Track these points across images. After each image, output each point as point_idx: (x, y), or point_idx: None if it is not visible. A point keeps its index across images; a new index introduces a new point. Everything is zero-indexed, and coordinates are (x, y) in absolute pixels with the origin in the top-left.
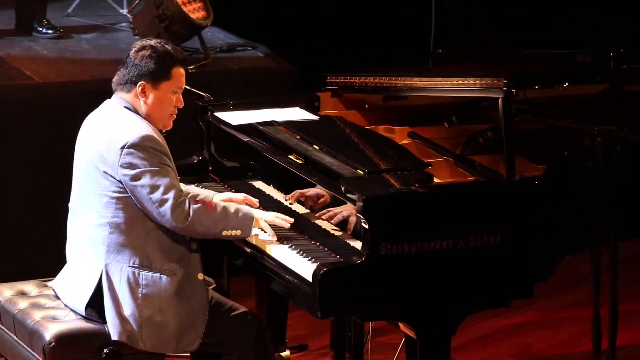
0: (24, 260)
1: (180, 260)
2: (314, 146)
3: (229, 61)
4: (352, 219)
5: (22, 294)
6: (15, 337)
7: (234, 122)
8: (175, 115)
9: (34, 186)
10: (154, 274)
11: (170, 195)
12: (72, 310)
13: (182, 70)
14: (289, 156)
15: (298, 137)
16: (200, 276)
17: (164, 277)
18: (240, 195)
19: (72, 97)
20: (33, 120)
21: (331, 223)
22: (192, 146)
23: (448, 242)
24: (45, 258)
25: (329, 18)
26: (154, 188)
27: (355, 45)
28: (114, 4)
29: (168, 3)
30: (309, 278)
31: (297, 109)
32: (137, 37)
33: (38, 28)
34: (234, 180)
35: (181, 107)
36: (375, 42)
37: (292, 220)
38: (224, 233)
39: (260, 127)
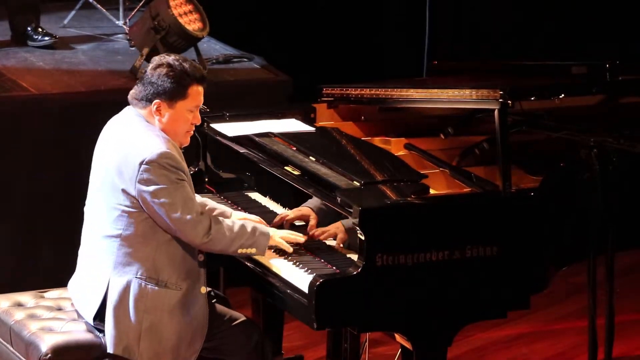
0: (21, 272)
1: (188, 274)
2: (310, 157)
3: (225, 72)
4: (340, 237)
5: (19, 305)
6: (11, 349)
7: (230, 134)
8: (192, 132)
9: (30, 197)
10: (160, 287)
11: (188, 213)
12: (75, 318)
13: (199, 89)
14: (285, 167)
15: (294, 148)
16: (203, 289)
17: (169, 290)
18: (255, 217)
19: (68, 108)
20: (29, 132)
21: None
22: (188, 157)
23: (444, 253)
24: (42, 269)
25: (325, 30)
26: (172, 206)
27: (350, 57)
28: (110, 15)
29: (164, 14)
30: (305, 289)
31: (293, 120)
32: (133, 48)
33: (33, 36)
34: (230, 192)
35: (198, 124)
36: (371, 54)
37: (303, 238)
38: (240, 251)
39: (257, 139)
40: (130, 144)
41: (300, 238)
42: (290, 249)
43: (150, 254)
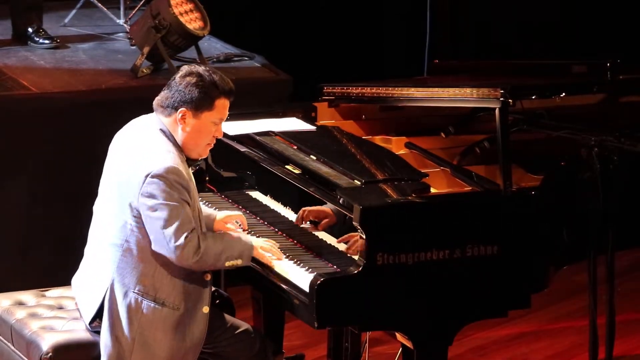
0: (21, 271)
1: (189, 295)
2: (311, 156)
3: (225, 71)
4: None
5: (20, 303)
6: (12, 347)
7: (231, 132)
8: (212, 145)
9: (30, 196)
10: (157, 305)
11: (182, 234)
12: (76, 317)
13: (226, 102)
14: (286, 166)
15: (295, 147)
16: (206, 309)
17: (165, 309)
18: (237, 213)
19: (69, 107)
20: (30, 131)
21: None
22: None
23: (445, 253)
24: (43, 268)
25: (326, 28)
26: (168, 223)
27: (351, 55)
28: (110, 14)
29: (165, 13)
30: (306, 288)
31: (294, 119)
32: (134, 47)
33: (35, 38)
34: (231, 191)
35: (220, 137)
36: (371, 52)
37: (283, 257)
38: (227, 264)
39: (257, 137)
40: (140, 156)
41: (279, 257)
42: (270, 262)
43: (150, 271)
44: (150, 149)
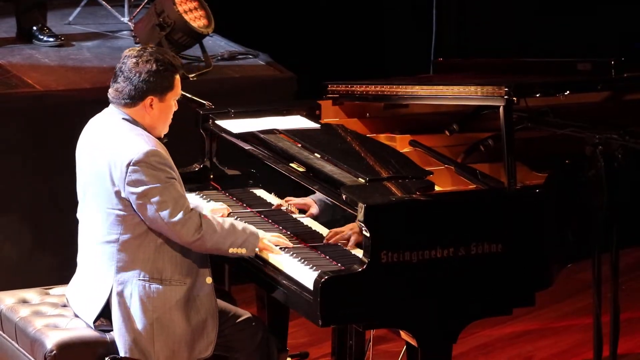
0: (25, 268)
1: (190, 269)
2: (315, 154)
3: (230, 69)
4: (354, 238)
5: (24, 301)
6: (16, 345)
7: (235, 130)
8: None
9: (35, 194)
10: (165, 285)
11: (179, 211)
12: (78, 317)
13: (178, 77)
14: (290, 164)
15: (299, 145)
16: (209, 280)
17: (173, 287)
18: (223, 206)
19: (73, 105)
20: (34, 129)
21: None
22: (193, 154)
23: (449, 250)
24: (47, 266)
25: (330, 26)
26: (162, 205)
27: (355, 53)
28: (115, 12)
29: (169, 11)
30: (310, 286)
31: (299, 117)
32: (138, 45)
33: (39, 36)
34: (235, 189)
35: (176, 109)
36: (376, 50)
37: (291, 245)
38: (231, 250)
39: (262, 135)
40: (116, 147)
41: (289, 243)
42: (279, 252)
43: (150, 255)
44: (124, 138)
